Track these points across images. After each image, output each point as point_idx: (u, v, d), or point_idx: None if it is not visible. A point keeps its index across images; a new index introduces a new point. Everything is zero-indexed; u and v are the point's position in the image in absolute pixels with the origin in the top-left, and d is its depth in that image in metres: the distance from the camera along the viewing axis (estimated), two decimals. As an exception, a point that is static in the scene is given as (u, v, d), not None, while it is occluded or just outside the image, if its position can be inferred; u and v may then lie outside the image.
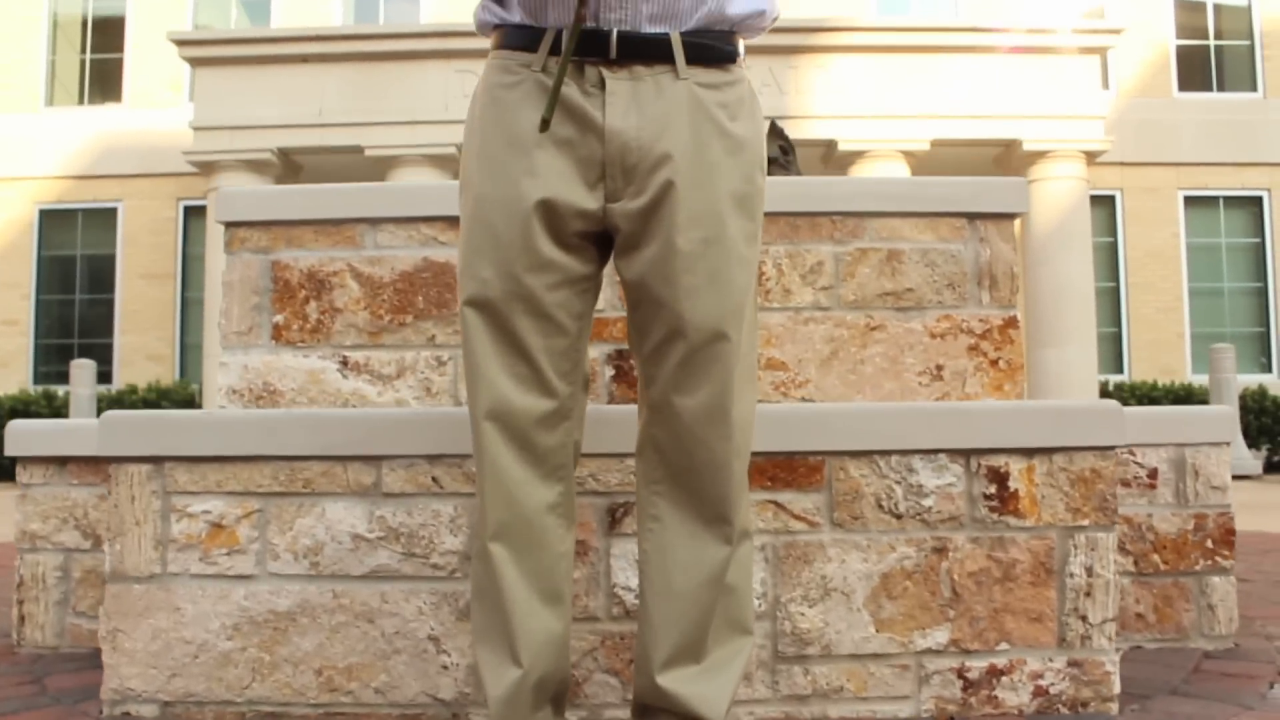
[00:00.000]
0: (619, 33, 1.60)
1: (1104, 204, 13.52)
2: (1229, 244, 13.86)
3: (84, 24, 14.29)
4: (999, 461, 2.28)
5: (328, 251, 2.87)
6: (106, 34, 14.17)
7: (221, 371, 2.88)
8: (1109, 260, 13.56)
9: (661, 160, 1.58)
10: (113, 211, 13.71)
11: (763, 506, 2.26)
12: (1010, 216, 2.91)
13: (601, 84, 1.60)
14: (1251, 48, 14.09)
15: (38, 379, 13.46)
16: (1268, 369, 13.69)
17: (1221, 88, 14.05)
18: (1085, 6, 14.02)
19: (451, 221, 2.86)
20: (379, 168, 11.57)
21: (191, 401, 11.71)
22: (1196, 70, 14.02)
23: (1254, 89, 14.02)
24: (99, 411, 11.19)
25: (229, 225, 2.90)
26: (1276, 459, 12.16)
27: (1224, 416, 2.87)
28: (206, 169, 11.55)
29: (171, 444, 2.31)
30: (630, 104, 1.59)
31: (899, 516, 2.27)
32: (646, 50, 1.61)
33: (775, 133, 3.60)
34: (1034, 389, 11.68)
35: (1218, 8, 14.14)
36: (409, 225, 2.87)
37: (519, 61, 1.64)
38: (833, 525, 2.27)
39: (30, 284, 13.64)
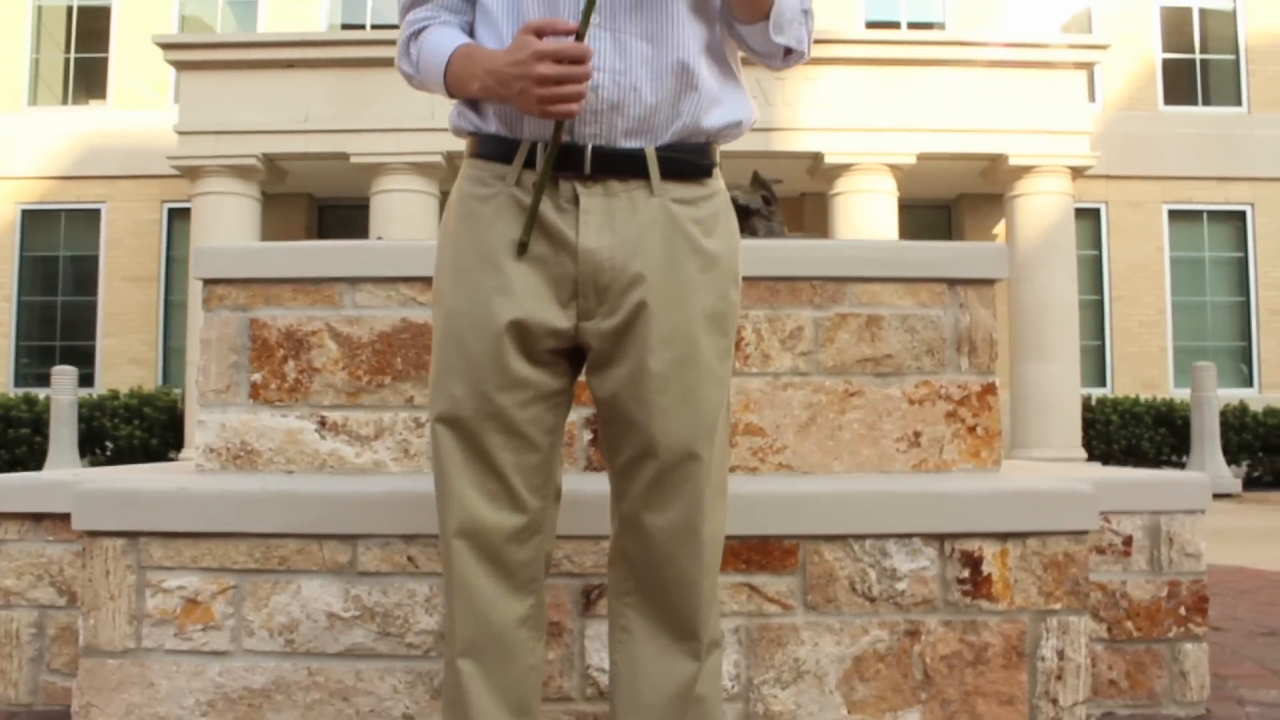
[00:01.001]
0: (594, 148, 1.60)
1: (1089, 217, 13.57)
2: (1212, 258, 13.93)
3: (68, 23, 14.21)
4: (973, 546, 2.29)
5: (306, 310, 2.87)
6: (91, 33, 14.09)
7: (199, 429, 2.87)
8: (1093, 273, 13.62)
9: (634, 281, 1.58)
10: (96, 213, 13.65)
11: (737, 589, 2.27)
12: (990, 282, 2.92)
13: (575, 200, 1.60)
14: (1236, 62, 14.15)
15: (18, 381, 13.40)
16: (1249, 383, 13.76)
17: (1207, 102, 14.11)
18: (1072, 19, 14.06)
19: (430, 283, 2.85)
20: (364, 175, 11.54)
21: (174, 408, 11.67)
22: (1182, 84, 14.08)
23: (1239, 103, 14.09)
24: (80, 419, 11.14)
25: (207, 282, 2.89)
26: (1256, 474, 12.24)
27: (1198, 484, 2.88)
28: (191, 174, 11.50)
29: (147, 519, 2.31)
30: (604, 222, 1.59)
31: (872, 599, 2.28)
32: (621, 165, 1.61)
33: (758, 183, 3.61)
34: (1017, 404, 11.72)
35: (1203, 21, 14.20)
36: (388, 285, 2.86)
37: (493, 173, 1.64)
38: (806, 608, 2.28)
39: (12, 285, 13.58)
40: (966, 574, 2.29)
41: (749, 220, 3.49)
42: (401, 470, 2.83)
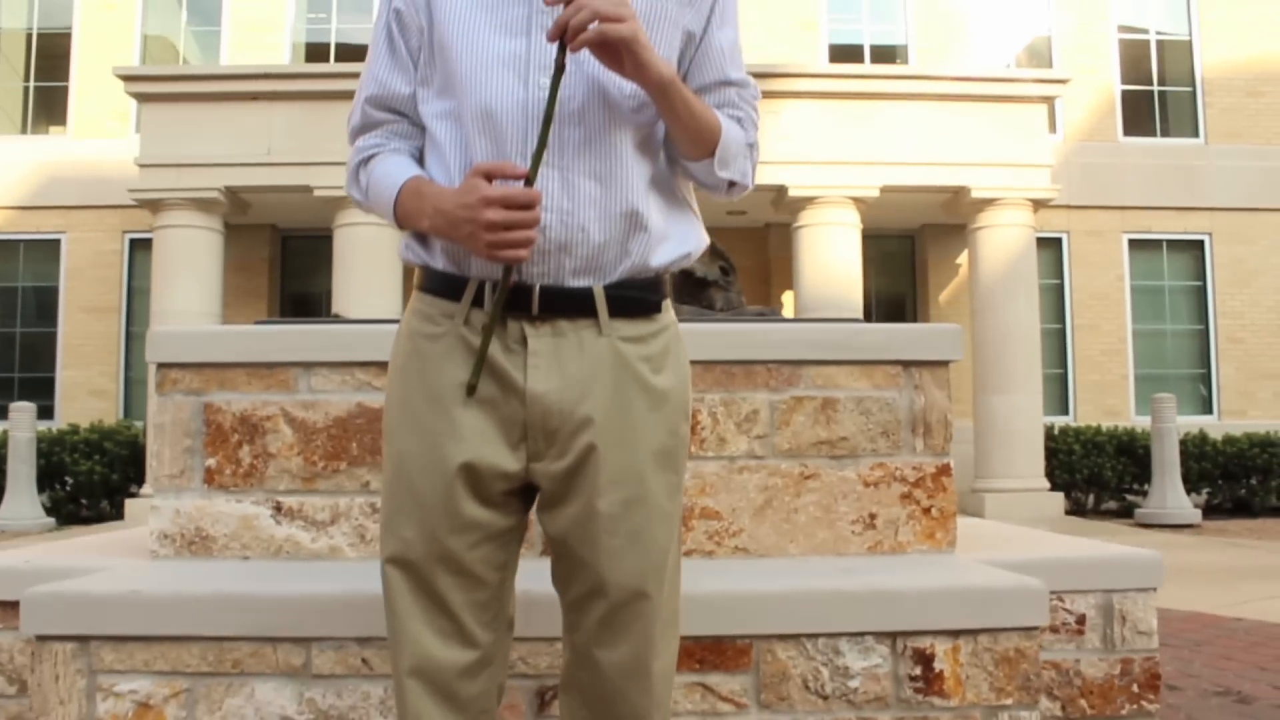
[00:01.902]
0: (541, 287, 1.61)
1: (1051, 246, 13.72)
2: (1171, 286, 14.11)
3: (28, 50, 14.09)
4: (925, 643, 2.31)
5: (261, 395, 2.85)
6: (52, 61, 13.99)
7: (153, 515, 2.85)
8: (1055, 302, 13.76)
9: (582, 424, 1.59)
10: (56, 243, 13.52)
11: (690, 689, 2.28)
12: (945, 363, 2.94)
13: (523, 340, 1.60)
14: (1194, 93, 14.36)
15: (-24, 414, 13.23)
16: (1208, 410, 13.94)
17: (1165, 133, 14.30)
18: (1032, 45, 14.23)
19: (385, 368, 2.84)
20: (328, 208, 11.49)
21: (135, 443, 11.55)
22: (1141, 115, 14.27)
23: (1196, 134, 14.29)
24: (40, 454, 11.01)
25: (160, 366, 2.87)
26: (1215, 502, 12.37)
27: (1150, 563, 2.92)
28: (152, 206, 11.41)
29: (98, 622, 2.29)
30: (552, 365, 1.60)
31: (825, 697, 2.29)
32: (569, 305, 1.61)
33: (716, 254, 3.63)
34: (980, 435, 11.80)
35: (1161, 52, 14.41)
36: (343, 369, 2.85)
37: (441, 311, 1.65)
38: (759, 706, 2.29)
39: (-30, 316, 13.44)
40: (919, 671, 2.31)
41: (706, 292, 3.51)
42: (358, 555, 2.82)
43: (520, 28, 1.64)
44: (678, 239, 1.70)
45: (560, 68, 1.55)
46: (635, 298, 1.65)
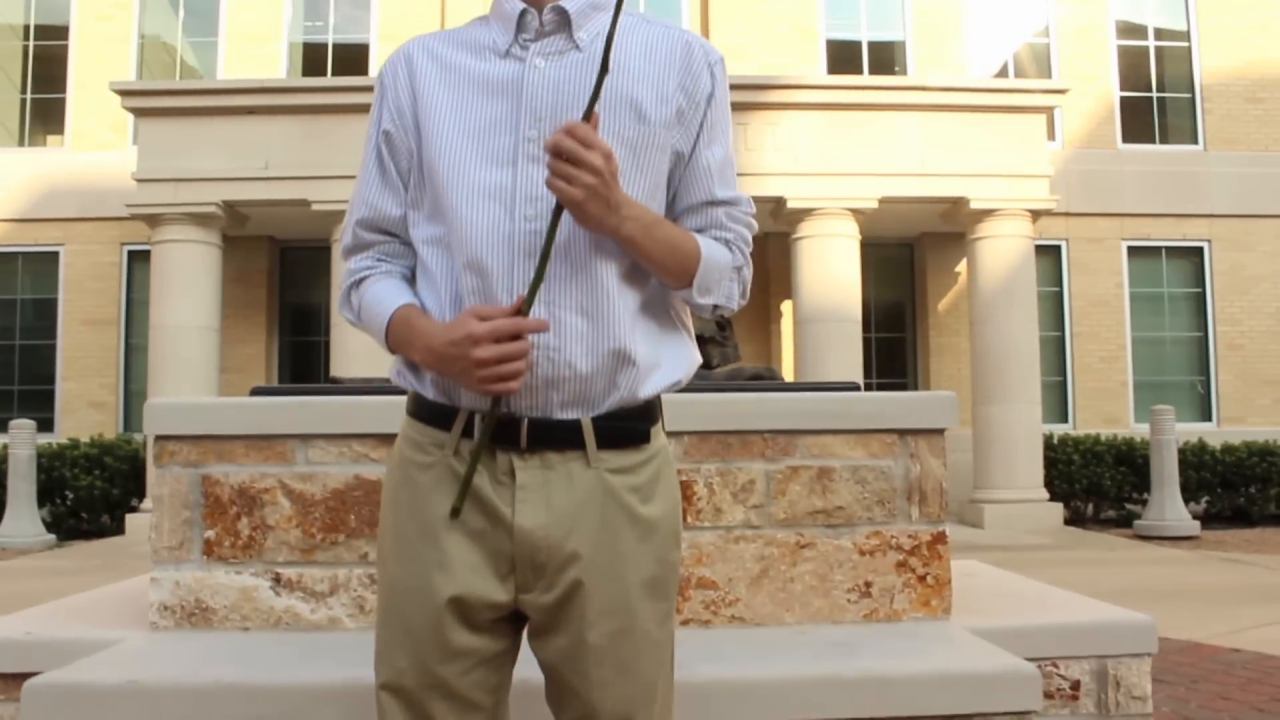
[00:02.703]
0: (530, 420, 1.61)
1: (1050, 253, 13.72)
2: (1170, 293, 14.12)
3: (24, 62, 14.09)
4: (920, 730, 2.32)
5: (259, 467, 2.86)
6: (48, 73, 13.98)
7: (153, 587, 2.86)
8: (1054, 309, 13.76)
9: (570, 559, 1.60)
10: (54, 255, 13.52)
11: (688, 778, 2.29)
12: (940, 431, 2.95)
13: (512, 473, 1.61)
14: (1193, 100, 14.35)
15: (-24, 427, 13.25)
16: (1208, 417, 13.95)
17: (1164, 140, 14.29)
18: (1031, 50, 14.22)
19: (383, 439, 2.86)
20: (326, 221, 11.49)
21: (135, 457, 11.56)
22: (1140, 122, 14.26)
23: (1195, 141, 14.28)
24: (40, 469, 11.02)
25: (158, 438, 2.88)
26: (1215, 510, 12.39)
27: (1144, 628, 2.93)
28: (150, 220, 11.41)
29: (97, 713, 2.30)
30: (539, 499, 1.60)
31: (822, 785, 2.31)
32: (558, 437, 1.62)
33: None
34: (979, 446, 11.81)
35: (1160, 59, 14.40)
36: (340, 442, 2.87)
37: (432, 440, 1.66)
38: (757, 794, 2.30)
39: (-30, 328, 13.45)
40: (914, 757, 2.32)
41: (704, 349, 3.52)
42: (357, 626, 2.84)
43: (506, 158, 1.64)
44: (669, 366, 1.71)
45: (560, 206, 1.56)
46: (624, 428, 1.65)
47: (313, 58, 14.01)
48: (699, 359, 1.80)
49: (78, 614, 3.13)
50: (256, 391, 3.20)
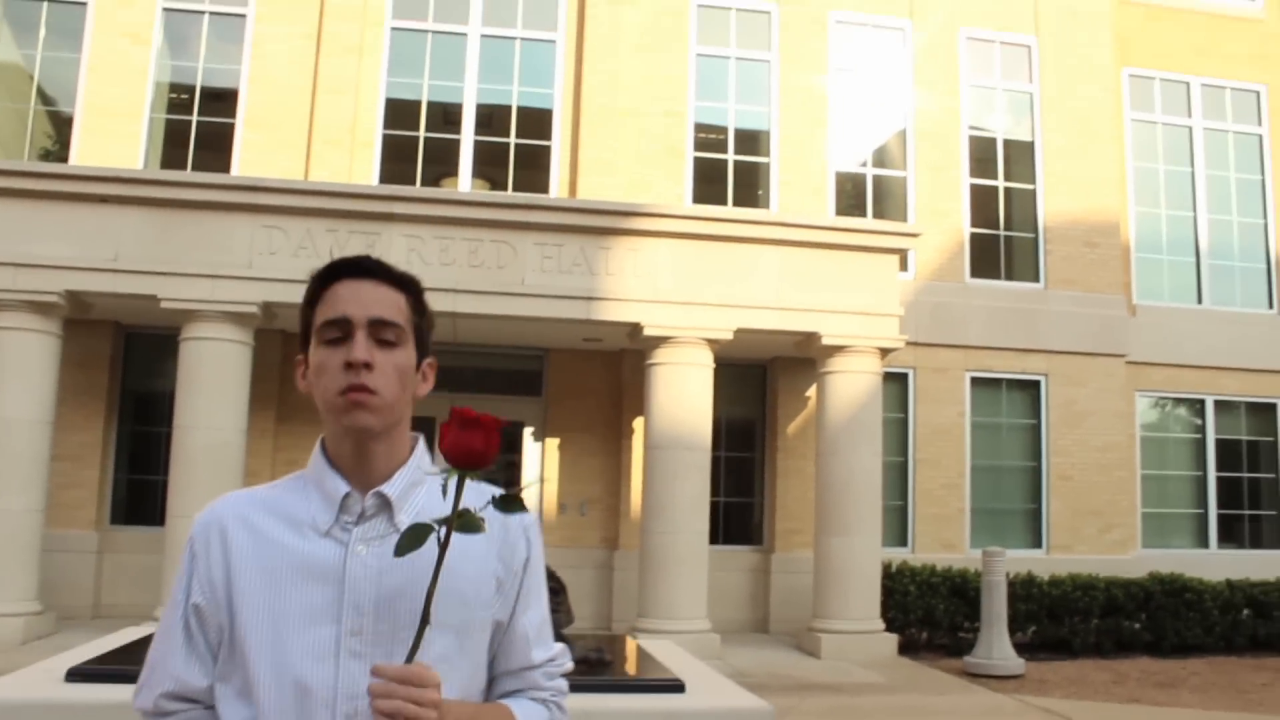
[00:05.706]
0: None
1: (898, 381, 14.16)
2: (1009, 424, 14.69)
3: None
4: None
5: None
6: (-112, 131, 13.31)
7: None
8: (899, 436, 14.18)
9: None
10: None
11: None
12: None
13: None
14: (1036, 240, 15.06)
15: None
16: (1038, 544, 14.51)
17: (1009, 276, 14.95)
18: (888, 150, 14.74)
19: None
20: (176, 318, 11.16)
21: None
22: (988, 258, 14.89)
23: (1037, 279, 14.98)
24: None
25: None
26: (1040, 640, 12.86)
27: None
28: (-14, 306, 10.92)
29: None
30: None
31: None
32: None
33: (547, 574, 3.64)
34: (819, 577, 12.03)
35: (1008, 199, 15.09)
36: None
37: None
38: None
39: None
40: None
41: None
42: None
43: (327, 650, 1.64)
44: None
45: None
46: None
47: (175, 137, 13.65)
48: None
49: None
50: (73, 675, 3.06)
